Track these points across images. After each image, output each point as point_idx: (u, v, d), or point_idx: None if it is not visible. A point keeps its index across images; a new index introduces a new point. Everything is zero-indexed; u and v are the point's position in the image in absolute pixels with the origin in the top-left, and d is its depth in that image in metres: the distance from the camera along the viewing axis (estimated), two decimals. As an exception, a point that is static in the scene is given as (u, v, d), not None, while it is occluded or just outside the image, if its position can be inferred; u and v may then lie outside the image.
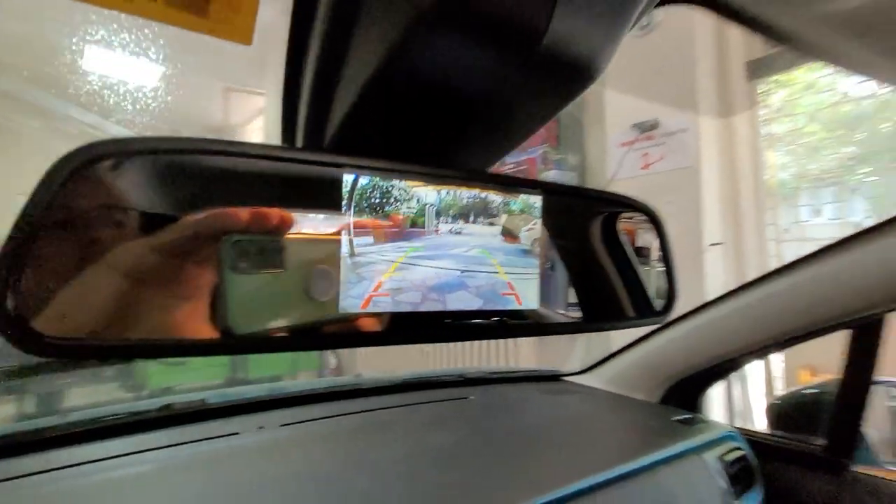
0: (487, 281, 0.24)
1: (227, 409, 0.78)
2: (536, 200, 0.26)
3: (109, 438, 0.66)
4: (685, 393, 0.93)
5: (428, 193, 0.23)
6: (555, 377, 1.06)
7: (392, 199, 0.21)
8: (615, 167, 1.99)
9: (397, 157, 0.22)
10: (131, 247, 0.20)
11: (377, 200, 0.21)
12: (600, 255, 0.37)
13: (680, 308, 0.84)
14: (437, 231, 0.23)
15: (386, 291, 0.21)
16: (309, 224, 0.22)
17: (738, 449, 0.74)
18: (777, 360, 1.86)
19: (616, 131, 2.03)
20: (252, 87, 4.93)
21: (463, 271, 0.23)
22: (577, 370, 1.06)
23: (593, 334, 2.21)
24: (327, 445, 0.68)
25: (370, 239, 0.21)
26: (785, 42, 0.24)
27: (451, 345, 2.76)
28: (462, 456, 0.64)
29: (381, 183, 0.22)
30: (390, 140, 0.23)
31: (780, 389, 1.83)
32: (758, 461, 0.75)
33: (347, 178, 0.21)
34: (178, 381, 3.14)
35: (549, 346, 2.40)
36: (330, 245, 0.22)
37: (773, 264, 1.82)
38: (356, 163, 0.21)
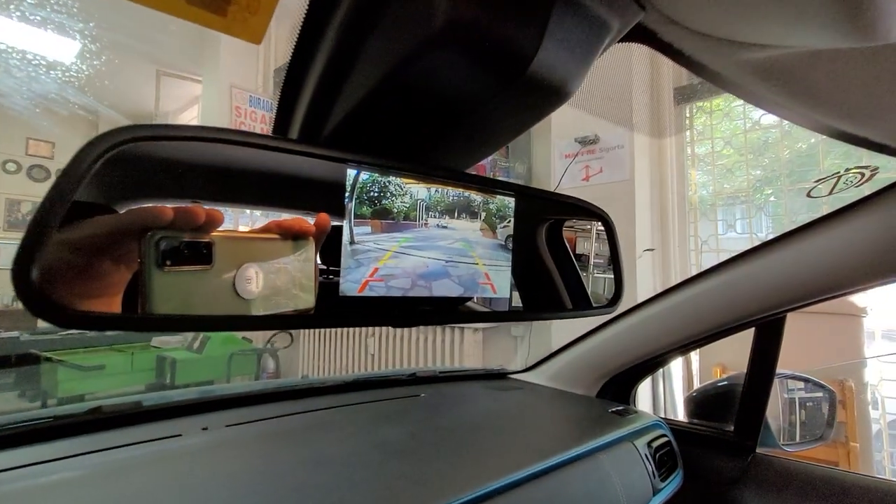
0: (468, 271, 0.26)
1: (166, 411, 0.74)
2: (511, 201, 0.29)
3: (27, 445, 0.60)
4: (619, 387, 1.01)
5: (419, 190, 0.25)
6: (501, 375, 1.10)
7: (388, 194, 0.23)
8: (559, 177, 2.11)
9: (389, 154, 0.24)
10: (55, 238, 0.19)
11: (375, 194, 0.23)
12: (545, 255, 0.41)
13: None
14: (426, 224, 0.25)
15: (381, 277, 0.23)
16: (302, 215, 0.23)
17: (664, 436, 0.82)
18: (694, 358, 2.06)
19: (560, 143, 2.15)
20: (186, 72, 4.63)
21: (447, 261, 0.25)
22: (521, 369, 1.11)
23: (534, 339, 2.31)
24: (276, 444, 0.67)
25: (368, 229, 0.23)
26: (709, 78, 0.29)
27: (399, 347, 2.76)
28: (412, 448, 0.65)
29: (379, 178, 0.23)
30: (384, 139, 0.25)
31: (697, 384, 2.03)
32: (678, 447, 0.84)
33: (350, 172, 0.22)
34: (92, 390, 2.86)
35: (492, 348, 2.48)
36: (265, 244, 0.23)
37: (693, 271, 2.03)
38: (359, 158, 0.22)
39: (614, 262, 0.38)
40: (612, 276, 0.38)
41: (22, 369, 3.17)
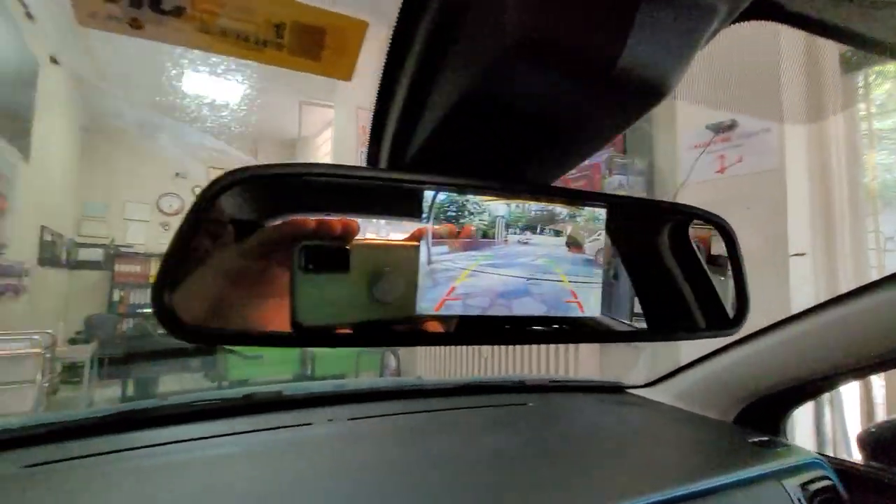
0: (552, 289, 0.25)
1: (301, 401, 0.84)
2: (601, 212, 0.27)
3: (200, 421, 0.75)
4: (764, 415, 0.86)
5: (498, 206, 0.25)
6: (618, 389, 1.03)
7: (466, 213, 0.24)
8: (688, 170, 1.89)
9: (472, 173, 0.24)
10: (225, 252, 0.24)
11: (453, 213, 0.24)
12: (668, 263, 0.37)
13: (760, 322, 0.79)
14: (506, 241, 0.25)
15: (457, 296, 0.24)
16: (393, 232, 0.24)
17: (826, 478, 0.68)
18: (878, 384, 1.66)
19: (688, 133, 1.92)
20: (322, 100, 5.25)
21: (529, 279, 0.25)
22: (641, 383, 1.02)
23: (661, 348, 2.10)
24: (392, 440, 0.72)
25: (445, 248, 0.24)
26: (871, 49, 0.23)
27: (512, 353, 2.75)
28: (520, 460, 0.64)
29: (457, 198, 0.24)
30: (466, 158, 0.25)
31: (882, 417, 1.63)
32: (849, 493, 0.69)
33: (428, 195, 0.24)
34: (254, 375, 3.40)
35: (611, 358, 2.31)
36: (399, 251, 0.25)
37: (875, 276, 1.63)
38: (437, 180, 0.23)
39: (736, 274, 0.33)
40: (735, 290, 0.33)
41: (204, 356, 3.93)
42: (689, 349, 1.98)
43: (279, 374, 3.53)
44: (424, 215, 0.23)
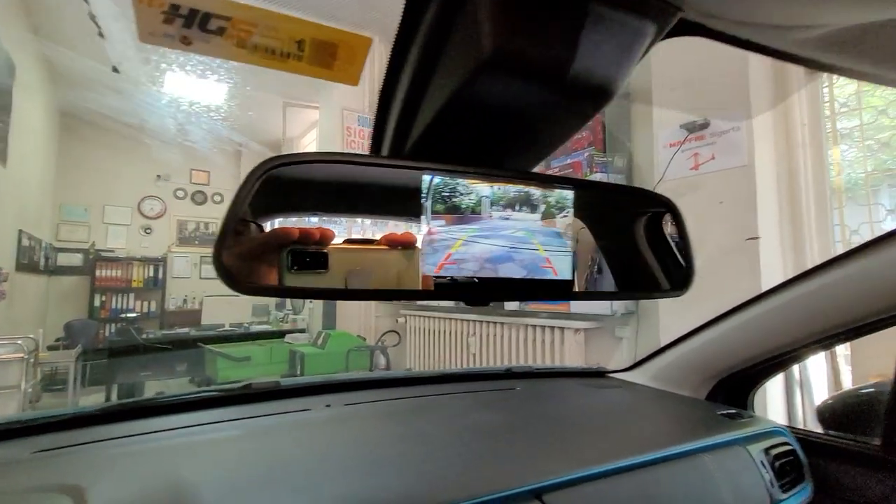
0: (530, 256, 0.30)
1: (298, 390, 0.88)
2: (569, 193, 0.32)
3: (203, 409, 0.78)
4: (734, 391, 0.93)
5: (483, 189, 0.30)
6: (599, 373, 1.08)
7: (457, 193, 0.29)
8: (664, 168, 1.97)
9: (462, 161, 0.29)
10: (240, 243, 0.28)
11: (447, 194, 0.28)
12: (629, 236, 0.43)
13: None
14: (490, 217, 0.30)
15: (453, 260, 0.28)
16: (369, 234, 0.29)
17: (786, 444, 0.74)
18: (845, 368, 1.76)
19: (664, 132, 2.01)
20: (307, 101, 5.25)
21: (510, 248, 0.30)
22: (622, 368, 1.08)
23: (642, 341, 2.18)
24: (385, 420, 0.76)
25: (442, 222, 0.28)
26: (779, 58, 0.28)
27: (499, 348, 2.80)
28: (507, 432, 0.69)
29: (450, 181, 0.29)
30: (457, 148, 0.30)
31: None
32: (809, 459, 0.75)
33: (426, 178, 0.28)
34: (242, 377, 3.39)
35: (595, 350, 2.39)
36: (367, 253, 0.29)
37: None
38: (433, 167, 0.28)
39: (683, 242, 0.39)
40: (683, 258, 0.39)
41: (192, 358, 3.90)
42: (666, 337, 2.06)
43: (268, 375, 3.52)
44: (423, 195, 0.28)
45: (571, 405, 0.87)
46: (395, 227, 0.29)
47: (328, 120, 4.44)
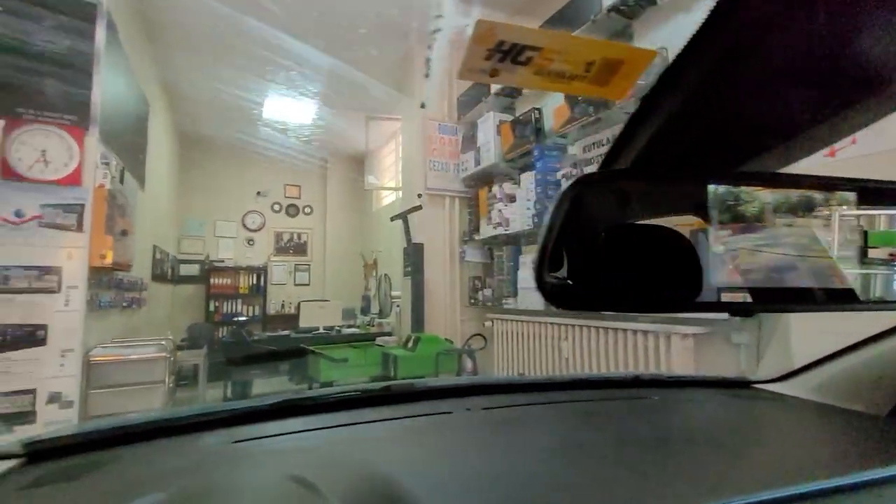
0: (815, 264, 0.29)
1: (433, 392, 0.91)
2: (851, 196, 0.30)
3: (347, 410, 0.82)
4: (924, 409, 0.80)
5: (765, 194, 0.28)
6: (743, 384, 0.99)
7: (740, 201, 0.28)
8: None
9: (740, 167, 0.28)
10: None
11: (731, 202, 0.28)
12: None
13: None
14: (774, 224, 0.28)
15: (740, 272, 0.27)
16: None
17: None
18: None
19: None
20: (387, 113, 5.49)
21: (795, 256, 0.28)
22: (770, 378, 0.98)
23: (766, 348, 1.98)
24: (529, 427, 0.75)
25: (728, 231, 0.28)
26: None
27: (594, 351, 2.70)
28: (660, 445, 0.65)
29: (733, 189, 0.28)
30: (720, 156, 0.29)
31: None
32: None
33: (710, 188, 0.28)
34: (340, 377, 3.60)
35: (706, 357, 2.21)
36: None
37: None
38: (722, 179, 0.28)
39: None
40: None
41: (294, 359, 4.22)
42: (800, 346, 1.83)
43: (363, 376, 3.71)
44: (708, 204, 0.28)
45: (722, 420, 0.80)
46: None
47: (410, 130, 4.61)
